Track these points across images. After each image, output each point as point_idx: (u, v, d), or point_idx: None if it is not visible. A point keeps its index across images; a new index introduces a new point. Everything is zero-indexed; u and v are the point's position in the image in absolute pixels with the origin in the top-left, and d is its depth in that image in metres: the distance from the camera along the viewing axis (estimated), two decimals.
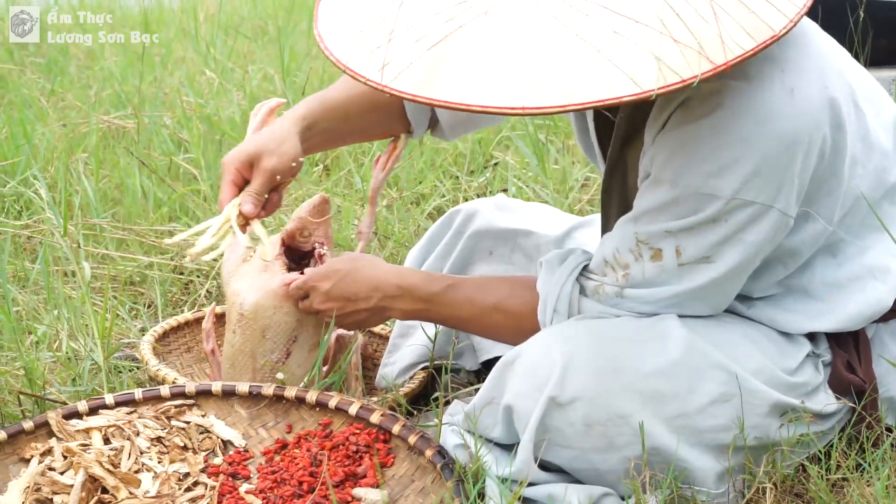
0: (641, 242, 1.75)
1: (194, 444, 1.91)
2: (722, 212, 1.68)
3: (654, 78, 1.46)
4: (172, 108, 3.96)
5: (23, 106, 3.95)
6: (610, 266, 1.80)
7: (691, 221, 1.70)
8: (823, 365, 1.87)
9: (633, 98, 1.46)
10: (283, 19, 5.29)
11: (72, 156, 3.45)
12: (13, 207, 3.18)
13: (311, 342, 2.07)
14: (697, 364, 1.74)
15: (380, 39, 1.59)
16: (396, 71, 1.55)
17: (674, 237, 1.72)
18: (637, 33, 1.48)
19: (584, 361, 1.72)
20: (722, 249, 1.72)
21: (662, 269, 1.75)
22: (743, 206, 1.68)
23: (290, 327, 2.04)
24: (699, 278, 1.74)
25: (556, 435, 1.74)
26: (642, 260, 1.76)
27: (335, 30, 1.68)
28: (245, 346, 2.05)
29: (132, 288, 2.79)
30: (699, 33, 1.49)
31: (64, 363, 2.28)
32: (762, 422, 1.77)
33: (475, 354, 2.28)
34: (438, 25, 1.55)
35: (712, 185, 1.67)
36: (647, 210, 1.75)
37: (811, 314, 1.85)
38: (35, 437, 1.89)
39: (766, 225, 1.70)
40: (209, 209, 3.09)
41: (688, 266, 1.74)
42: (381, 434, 1.88)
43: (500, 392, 1.80)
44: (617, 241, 1.79)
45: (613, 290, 1.80)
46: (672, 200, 1.71)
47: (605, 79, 1.46)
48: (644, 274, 1.76)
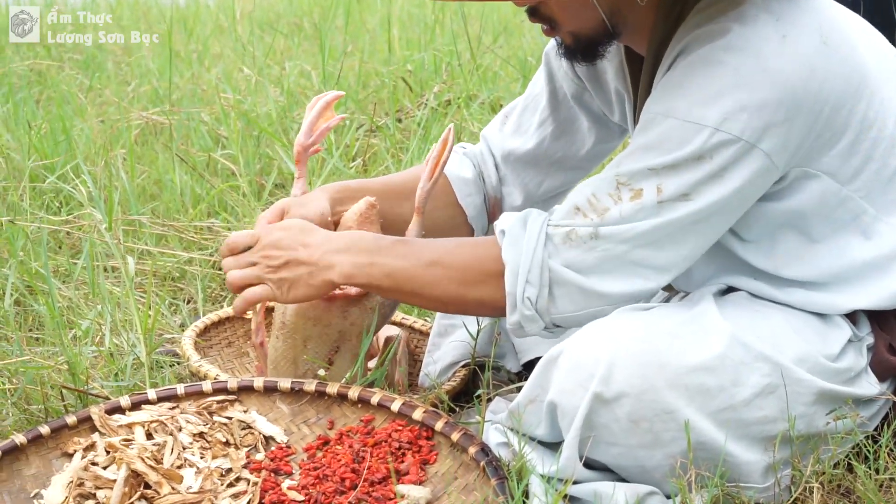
0: (622, 184, 1.75)
1: (236, 439, 1.91)
2: (706, 147, 1.70)
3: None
4: (210, 104, 3.97)
5: (62, 102, 3.97)
6: (581, 212, 1.78)
7: (675, 157, 1.72)
8: (867, 349, 1.86)
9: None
10: (319, 16, 5.29)
11: (110, 151, 3.46)
12: (52, 203, 3.19)
13: (353, 352, 2.04)
14: (741, 356, 1.73)
15: None
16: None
17: (656, 175, 1.73)
18: None
19: (628, 357, 1.71)
20: (702, 187, 1.72)
21: (641, 207, 1.74)
22: (728, 142, 1.69)
23: (332, 339, 2.02)
24: (675, 214, 1.74)
25: (601, 432, 1.73)
26: (621, 201, 1.75)
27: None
28: (287, 353, 2.04)
29: (172, 283, 2.79)
30: None
31: (107, 358, 2.29)
32: (808, 411, 1.77)
33: (517, 356, 2.27)
34: None
35: (698, 113, 1.70)
36: (630, 152, 1.76)
37: (849, 293, 1.84)
38: (78, 432, 1.89)
39: (750, 166, 1.71)
40: (248, 205, 3.09)
41: (667, 203, 1.73)
42: (424, 431, 1.87)
43: (544, 389, 1.78)
44: (594, 186, 1.78)
45: (587, 231, 1.77)
46: (658, 136, 1.73)
47: None
48: (622, 212, 1.75)
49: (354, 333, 2.03)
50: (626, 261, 1.76)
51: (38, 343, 2.45)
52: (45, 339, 2.42)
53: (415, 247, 1.90)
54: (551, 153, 2.18)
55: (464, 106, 3.76)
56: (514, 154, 2.20)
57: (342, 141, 3.45)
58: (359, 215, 2.03)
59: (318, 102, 2.13)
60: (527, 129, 2.20)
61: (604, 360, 1.71)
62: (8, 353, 2.32)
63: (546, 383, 1.78)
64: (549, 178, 2.21)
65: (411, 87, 4.03)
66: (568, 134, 2.17)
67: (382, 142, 3.57)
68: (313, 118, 2.12)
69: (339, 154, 3.33)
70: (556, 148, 2.18)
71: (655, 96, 1.77)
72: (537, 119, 2.18)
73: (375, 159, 3.51)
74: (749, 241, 1.84)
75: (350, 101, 3.84)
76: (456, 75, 4.08)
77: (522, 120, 2.21)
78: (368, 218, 2.03)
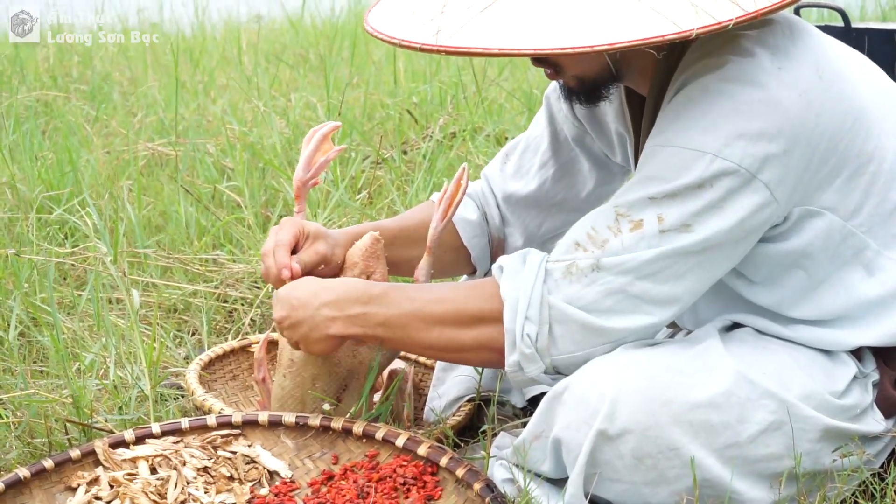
0: (621, 216, 1.75)
1: (240, 474, 1.90)
2: (707, 175, 1.70)
3: (693, 19, 1.59)
4: (216, 135, 3.98)
5: (68, 133, 3.98)
6: (581, 247, 1.77)
7: (675, 185, 1.72)
8: (872, 385, 1.85)
9: (676, 36, 1.58)
10: (325, 47, 5.31)
11: (116, 183, 3.47)
12: (57, 234, 3.20)
13: (362, 389, 2.03)
14: (747, 393, 1.73)
15: (433, 13, 1.68)
16: (450, 34, 1.65)
17: (656, 205, 1.73)
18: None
19: (633, 393, 1.71)
20: (702, 218, 1.72)
21: (642, 237, 1.73)
22: (727, 171, 1.69)
23: (341, 377, 2.01)
24: (676, 244, 1.73)
25: (606, 468, 1.72)
26: (621, 233, 1.74)
27: (386, 18, 1.77)
28: (295, 391, 2.03)
29: (176, 315, 2.80)
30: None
31: (111, 391, 2.29)
32: (814, 448, 1.76)
33: (521, 391, 2.26)
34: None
35: (697, 140, 1.71)
36: (630, 184, 1.77)
37: (855, 330, 1.84)
38: (82, 466, 1.89)
39: (751, 197, 1.71)
40: (253, 237, 3.10)
41: (668, 233, 1.73)
42: (429, 466, 1.87)
43: (549, 425, 1.78)
44: (593, 220, 1.78)
45: (588, 263, 1.75)
46: (657, 166, 1.73)
47: (647, 21, 1.59)
48: (623, 243, 1.74)
49: (363, 372, 2.02)
50: (627, 294, 1.75)
51: (42, 375, 2.44)
52: (49, 372, 2.42)
53: (408, 292, 1.89)
54: (552, 195, 2.19)
55: (469, 139, 3.77)
56: (515, 196, 2.20)
57: (347, 173, 3.46)
58: (364, 251, 2.02)
59: (314, 135, 2.10)
60: (528, 170, 2.20)
61: (608, 396, 1.71)
62: (12, 385, 2.32)
63: (551, 419, 1.78)
64: (549, 219, 2.21)
65: (417, 120, 4.04)
66: (569, 176, 2.18)
67: (388, 174, 3.58)
68: (310, 152, 2.09)
69: (345, 186, 3.33)
70: (557, 190, 2.18)
71: (655, 130, 1.78)
72: (538, 161, 2.19)
73: (381, 192, 3.51)
74: (756, 283, 1.84)
75: (355, 133, 3.85)
76: (461, 108, 4.09)
77: (523, 161, 2.21)
78: (374, 253, 2.02)
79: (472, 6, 1.66)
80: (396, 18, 1.75)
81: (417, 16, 1.70)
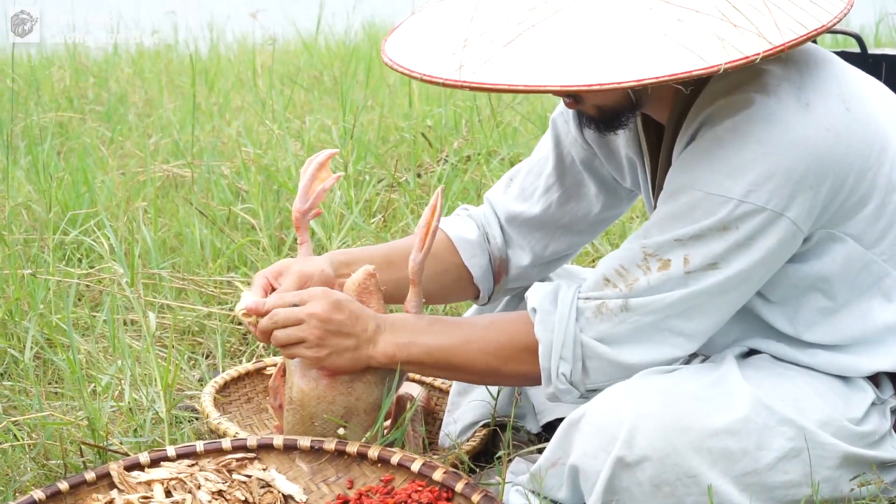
0: (649, 255, 1.76)
1: (255, 498, 1.90)
2: (732, 217, 1.71)
3: (720, 54, 1.58)
4: (231, 157, 3.99)
5: (83, 154, 4.00)
6: (611, 283, 1.79)
7: (701, 227, 1.72)
8: (890, 411, 1.85)
9: (703, 71, 1.57)
10: (339, 70, 5.33)
11: (131, 204, 3.48)
12: (73, 255, 3.20)
13: (363, 426, 2.01)
14: (765, 420, 1.73)
15: (454, 47, 1.68)
16: (473, 69, 1.64)
17: (683, 246, 1.74)
18: (699, 20, 1.62)
19: (651, 420, 1.71)
20: (729, 256, 1.73)
21: (668, 278, 1.75)
22: (753, 211, 1.70)
23: (338, 415, 1.99)
24: (703, 284, 1.75)
25: (624, 496, 1.72)
26: (650, 272, 1.76)
27: (405, 50, 1.77)
28: (297, 427, 2.02)
29: (190, 337, 2.80)
30: (756, 21, 1.63)
31: (126, 414, 2.29)
32: (832, 475, 1.76)
33: (536, 417, 2.26)
34: (511, 27, 1.66)
35: (724, 185, 1.71)
36: (657, 222, 1.77)
37: (872, 356, 1.83)
38: (97, 489, 1.89)
39: (776, 234, 1.72)
40: (267, 260, 3.10)
41: (694, 273, 1.75)
42: (444, 492, 1.86)
43: (566, 452, 1.78)
44: (621, 257, 1.80)
45: (617, 304, 1.78)
46: (683, 206, 1.74)
47: (674, 56, 1.59)
48: (650, 283, 1.76)
49: (362, 409, 2.00)
50: (656, 330, 1.78)
51: (57, 397, 2.45)
52: (64, 393, 2.42)
53: (451, 325, 1.95)
54: (557, 218, 2.17)
55: (484, 162, 3.77)
56: (520, 218, 2.18)
57: (362, 196, 3.46)
58: (357, 285, 2.00)
59: (310, 164, 2.06)
60: (531, 193, 2.18)
61: (626, 423, 1.71)
62: (28, 406, 2.32)
63: (568, 446, 1.78)
64: (555, 242, 2.19)
65: (431, 143, 4.05)
66: (574, 199, 2.16)
67: (402, 197, 3.58)
68: (307, 182, 2.05)
69: (359, 209, 3.34)
70: (563, 213, 2.17)
71: (681, 167, 1.77)
72: (543, 184, 2.17)
73: (395, 215, 3.52)
74: (774, 303, 1.83)
75: (370, 156, 3.85)
76: (476, 131, 4.10)
77: (526, 184, 2.19)
78: (367, 288, 2.00)
79: (495, 40, 1.66)
80: (415, 50, 1.75)
81: (438, 49, 1.70)
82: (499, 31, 1.66)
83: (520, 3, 1.68)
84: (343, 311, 1.89)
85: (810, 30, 1.62)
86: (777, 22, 1.62)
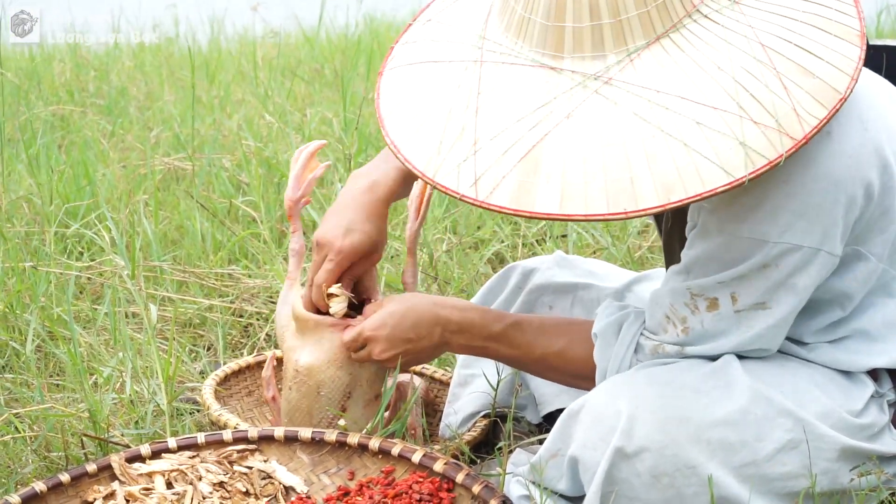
0: (695, 295, 1.76)
1: (256, 489, 1.91)
2: (770, 256, 1.69)
3: (743, 164, 1.52)
4: (232, 150, 3.99)
5: (84, 147, 4.00)
6: (671, 322, 1.79)
7: (742, 269, 1.71)
8: (888, 404, 1.85)
9: (727, 187, 1.53)
10: (340, 63, 5.32)
11: (132, 197, 3.48)
12: (75, 248, 3.21)
13: (365, 398, 2.05)
14: (764, 411, 1.73)
15: (465, 152, 1.62)
16: (491, 186, 1.58)
17: (727, 286, 1.73)
18: (718, 120, 1.54)
19: (650, 411, 1.71)
20: (776, 295, 1.72)
21: (721, 318, 1.75)
22: (791, 250, 1.68)
23: (344, 383, 2.02)
24: (757, 325, 1.74)
25: (623, 487, 1.72)
26: (699, 312, 1.76)
27: (411, 138, 1.70)
28: (301, 402, 2.04)
29: (192, 330, 2.80)
30: (775, 110, 1.54)
31: (127, 406, 2.29)
32: (831, 467, 1.76)
33: (536, 407, 2.26)
34: (523, 134, 1.59)
35: (758, 230, 1.68)
36: (696, 260, 1.75)
37: (872, 353, 1.83)
38: (98, 480, 1.89)
39: (816, 268, 1.70)
40: (269, 252, 3.10)
41: (745, 312, 1.74)
42: (445, 483, 1.87)
43: (566, 444, 1.78)
44: (670, 296, 1.79)
45: (674, 350, 1.80)
46: (720, 248, 1.72)
47: (697, 172, 1.53)
48: (703, 324, 1.76)
49: (364, 378, 2.04)
50: None
51: (58, 389, 2.45)
52: (66, 386, 2.42)
53: (525, 338, 1.96)
54: None
55: None
56: None
57: None
58: None
59: (301, 154, 2.14)
60: None
61: (625, 414, 1.71)
62: (29, 399, 2.32)
63: (568, 437, 1.78)
64: None
65: None
66: None
67: None
68: (298, 171, 2.13)
69: None
70: None
71: (708, 209, 1.73)
72: None
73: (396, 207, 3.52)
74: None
75: (371, 149, 3.85)
76: None
77: None
78: None
79: (507, 151, 1.59)
80: (421, 142, 1.68)
81: (445, 146, 1.64)
82: (510, 136, 1.59)
83: (529, 96, 1.61)
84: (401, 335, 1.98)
85: (829, 109, 1.56)
86: (796, 107, 1.55)
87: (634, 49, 1.59)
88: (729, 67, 1.56)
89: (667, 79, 1.57)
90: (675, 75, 1.57)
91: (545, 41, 1.61)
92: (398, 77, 1.79)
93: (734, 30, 1.59)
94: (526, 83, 1.61)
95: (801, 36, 1.60)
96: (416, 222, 2.11)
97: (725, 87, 1.55)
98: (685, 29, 1.59)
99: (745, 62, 1.57)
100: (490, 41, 1.68)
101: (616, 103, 1.56)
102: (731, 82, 1.55)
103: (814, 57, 1.59)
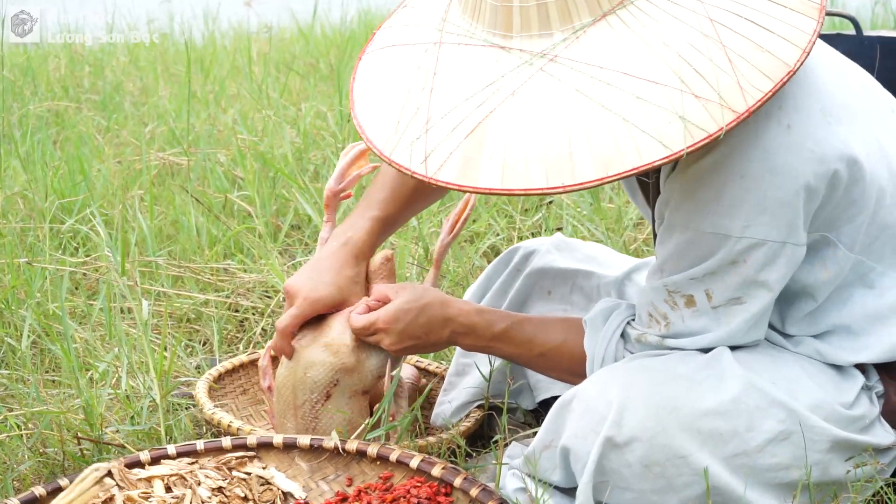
0: (672, 292, 1.77)
1: (255, 495, 1.90)
2: (735, 252, 1.70)
3: (682, 137, 1.52)
4: (226, 145, 3.99)
5: (79, 143, 3.99)
6: (654, 319, 1.81)
7: (711, 265, 1.72)
8: (877, 396, 1.85)
9: (665, 160, 1.52)
10: (335, 57, 5.32)
11: (127, 192, 3.47)
12: (70, 244, 3.20)
13: (351, 390, 2.06)
14: (756, 402, 1.73)
15: (418, 130, 1.65)
16: (438, 162, 1.61)
17: (700, 282, 1.74)
18: (659, 95, 1.54)
19: (640, 401, 1.72)
20: (749, 290, 1.73)
21: (699, 313, 1.77)
22: (756, 245, 1.69)
23: (334, 369, 2.03)
24: (735, 319, 1.75)
25: (614, 477, 1.72)
26: (678, 308, 1.77)
27: (373, 118, 1.73)
28: (287, 379, 2.06)
29: (187, 325, 2.80)
30: (718, 84, 1.54)
31: (122, 401, 2.29)
32: (822, 458, 1.76)
33: (532, 394, 2.26)
34: (471, 111, 1.61)
35: (720, 224, 1.69)
36: (667, 258, 1.77)
37: (855, 348, 1.83)
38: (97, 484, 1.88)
39: (784, 260, 1.71)
40: (264, 247, 3.10)
41: (722, 308, 1.75)
42: (443, 487, 1.86)
43: (558, 434, 1.79)
44: (651, 293, 1.81)
45: (655, 340, 1.81)
46: (687, 245, 1.73)
47: (635, 146, 1.53)
48: (684, 320, 1.78)
49: (355, 370, 2.06)
50: None
51: (54, 385, 2.45)
52: (61, 381, 2.42)
53: (526, 335, 1.99)
54: None
55: None
56: None
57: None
58: (378, 268, 2.12)
59: (352, 150, 2.18)
60: None
61: (615, 403, 1.72)
62: (25, 395, 2.32)
63: (559, 428, 1.79)
64: None
65: None
66: None
67: None
68: (345, 164, 2.17)
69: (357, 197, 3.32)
70: None
71: (672, 203, 1.74)
72: None
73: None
74: None
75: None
76: None
77: None
78: (385, 271, 2.11)
79: (456, 128, 1.61)
80: (382, 122, 1.71)
81: (402, 125, 1.67)
82: (459, 113, 1.62)
83: (479, 76, 1.63)
84: (413, 331, 2.01)
85: (775, 81, 1.55)
86: (740, 80, 1.55)
87: (580, 26, 1.59)
88: (675, 43, 1.56)
89: (611, 55, 1.57)
90: (619, 51, 1.57)
91: (496, 21, 1.63)
92: (371, 60, 1.82)
93: (683, 5, 1.59)
94: (477, 63, 1.63)
95: (754, 10, 1.59)
96: (449, 236, 2.17)
97: (669, 62, 1.55)
98: (632, 5, 1.59)
99: (691, 37, 1.57)
100: (450, 23, 1.70)
101: (560, 80, 1.57)
102: (676, 58, 1.55)
103: (764, 31, 1.58)
